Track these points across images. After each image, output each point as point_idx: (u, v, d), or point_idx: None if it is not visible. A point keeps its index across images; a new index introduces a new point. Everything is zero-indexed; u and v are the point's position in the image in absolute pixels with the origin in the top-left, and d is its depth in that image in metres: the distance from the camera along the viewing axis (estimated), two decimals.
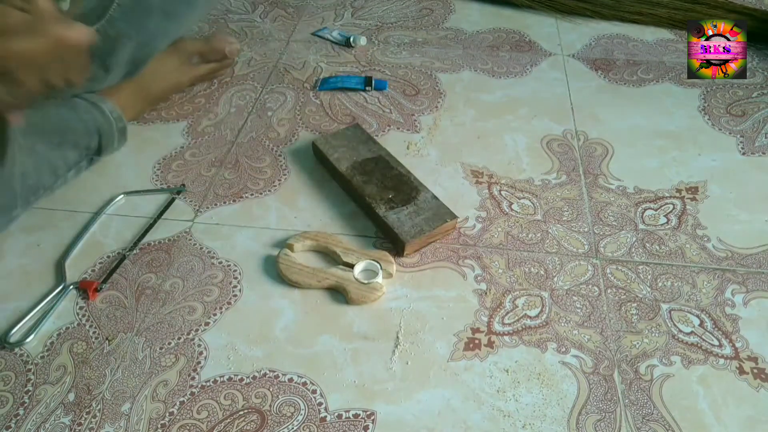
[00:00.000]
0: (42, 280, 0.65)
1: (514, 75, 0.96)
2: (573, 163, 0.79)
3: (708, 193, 0.75)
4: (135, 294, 0.64)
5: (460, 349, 0.58)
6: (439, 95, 0.92)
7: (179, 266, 0.66)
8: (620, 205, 0.73)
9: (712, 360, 0.57)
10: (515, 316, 0.61)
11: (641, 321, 0.61)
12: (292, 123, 0.87)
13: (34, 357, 0.58)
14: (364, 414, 0.53)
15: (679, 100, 0.90)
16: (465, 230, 0.70)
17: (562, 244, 0.68)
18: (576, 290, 0.64)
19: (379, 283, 0.62)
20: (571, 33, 1.07)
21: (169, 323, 0.61)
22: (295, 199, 0.74)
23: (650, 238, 0.69)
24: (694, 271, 0.65)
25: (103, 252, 0.68)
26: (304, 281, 0.63)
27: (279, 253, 0.65)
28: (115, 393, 0.55)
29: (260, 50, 1.02)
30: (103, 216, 0.72)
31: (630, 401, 0.54)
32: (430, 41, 1.05)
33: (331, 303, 0.63)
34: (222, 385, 0.56)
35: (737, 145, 0.82)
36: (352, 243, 0.68)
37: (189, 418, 0.53)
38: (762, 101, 0.89)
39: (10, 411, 0.54)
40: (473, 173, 0.78)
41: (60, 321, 0.61)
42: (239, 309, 0.62)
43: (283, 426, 0.53)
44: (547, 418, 0.53)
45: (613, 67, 0.97)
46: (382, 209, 0.68)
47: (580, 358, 0.58)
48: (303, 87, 0.94)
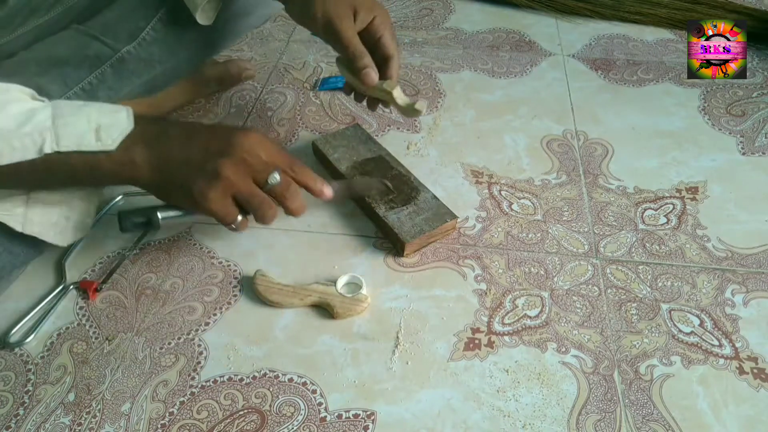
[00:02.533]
0: (42, 280, 0.65)
1: (514, 75, 0.96)
2: (573, 163, 0.79)
3: (708, 193, 0.75)
4: (135, 294, 0.64)
5: (460, 349, 0.58)
6: (439, 95, 0.92)
7: (179, 266, 0.66)
8: (620, 205, 0.73)
9: (712, 360, 0.57)
10: (515, 316, 0.61)
11: (641, 321, 0.61)
12: (292, 123, 0.87)
13: (34, 357, 0.58)
14: (364, 414, 0.53)
15: (679, 100, 0.90)
16: (465, 230, 0.70)
17: (562, 244, 0.68)
18: (576, 290, 0.64)
19: (364, 294, 0.62)
20: (571, 33, 1.07)
21: (169, 323, 0.61)
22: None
23: (650, 238, 0.69)
24: (694, 271, 0.65)
25: (103, 252, 0.68)
26: (286, 301, 0.62)
27: (255, 275, 0.64)
28: (115, 393, 0.55)
29: (260, 50, 1.02)
30: (105, 215, 0.72)
31: (630, 401, 0.54)
32: (430, 41, 1.05)
33: None
34: (222, 385, 0.56)
35: (737, 145, 0.82)
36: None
37: (189, 418, 0.53)
38: (762, 101, 0.89)
39: (10, 411, 0.54)
40: (473, 173, 0.78)
41: (60, 321, 0.61)
42: (239, 309, 0.62)
43: (283, 426, 0.53)
44: (547, 418, 0.53)
45: (613, 67, 0.97)
46: (382, 209, 0.68)
47: (580, 358, 0.58)
48: (303, 87, 0.94)
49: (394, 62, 0.64)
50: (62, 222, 0.57)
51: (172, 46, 0.71)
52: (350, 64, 0.62)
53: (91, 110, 0.50)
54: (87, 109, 0.50)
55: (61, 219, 0.57)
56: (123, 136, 0.50)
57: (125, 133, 0.50)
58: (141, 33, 0.68)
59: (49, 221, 0.56)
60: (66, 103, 0.51)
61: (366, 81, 0.62)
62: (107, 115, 0.51)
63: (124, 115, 0.51)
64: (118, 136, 0.50)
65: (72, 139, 0.49)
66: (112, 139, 0.50)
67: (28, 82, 0.59)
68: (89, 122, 0.49)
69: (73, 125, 0.49)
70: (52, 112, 0.49)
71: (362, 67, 0.62)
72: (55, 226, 0.57)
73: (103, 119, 0.50)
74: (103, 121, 0.50)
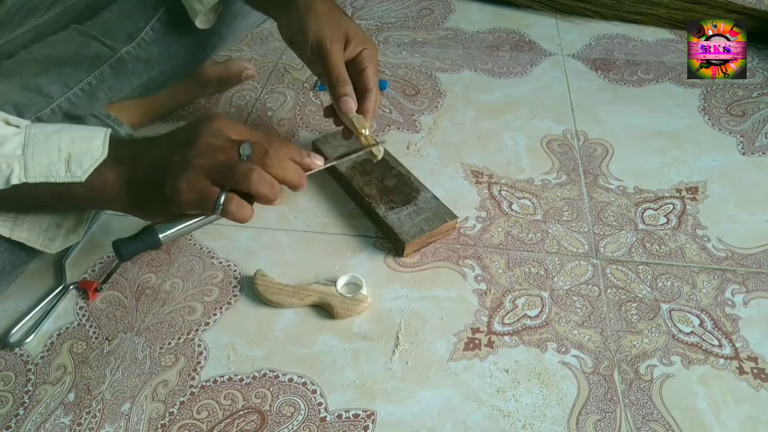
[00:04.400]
0: (42, 280, 0.65)
1: (514, 75, 0.96)
2: (573, 163, 0.79)
3: (708, 193, 0.75)
4: (135, 294, 0.64)
5: (460, 349, 0.58)
6: (439, 95, 0.92)
7: (179, 266, 0.66)
8: (620, 205, 0.73)
9: (712, 360, 0.57)
10: (515, 316, 0.61)
11: (641, 321, 0.61)
12: (292, 123, 0.87)
13: (34, 357, 0.58)
14: (364, 414, 0.53)
15: (679, 100, 0.90)
16: (465, 230, 0.70)
17: (562, 244, 0.68)
18: (576, 290, 0.64)
19: (364, 294, 0.62)
20: (571, 33, 1.07)
21: (169, 323, 0.61)
22: (295, 199, 0.74)
23: (650, 238, 0.69)
24: (694, 271, 0.65)
25: (103, 252, 0.68)
26: (286, 301, 0.62)
27: (255, 275, 0.64)
28: (115, 393, 0.55)
29: (260, 50, 1.02)
30: (103, 216, 0.72)
31: (630, 401, 0.54)
32: (430, 41, 1.05)
33: None
34: (222, 385, 0.56)
35: (737, 145, 0.82)
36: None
37: (189, 418, 0.53)
38: (762, 101, 0.89)
39: (10, 411, 0.54)
40: (473, 173, 0.78)
41: (60, 321, 0.61)
42: (239, 309, 0.62)
43: (283, 426, 0.53)
44: (547, 418, 0.53)
45: (613, 67, 0.97)
46: (382, 209, 0.68)
47: (580, 358, 0.58)
48: (303, 87, 0.94)
49: (370, 96, 0.63)
50: (53, 229, 0.56)
51: (171, 46, 0.71)
52: (331, 89, 0.62)
53: (63, 137, 0.48)
54: (60, 135, 0.48)
55: (51, 226, 0.56)
56: (95, 165, 0.48)
57: (97, 162, 0.48)
58: (140, 33, 0.68)
59: (40, 227, 0.55)
60: (41, 129, 0.49)
61: (342, 108, 0.62)
62: (80, 142, 0.49)
63: (99, 143, 0.49)
64: (89, 167, 0.48)
65: (40, 170, 0.47)
66: (82, 170, 0.48)
67: (28, 83, 0.59)
68: (59, 152, 0.48)
69: (43, 154, 0.47)
70: (24, 140, 0.47)
71: (341, 94, 0.61)
72: (46, 233, 0.56)
73: (76, 147, 0.48)
74: (76, 149, 0.48)
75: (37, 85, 0.62)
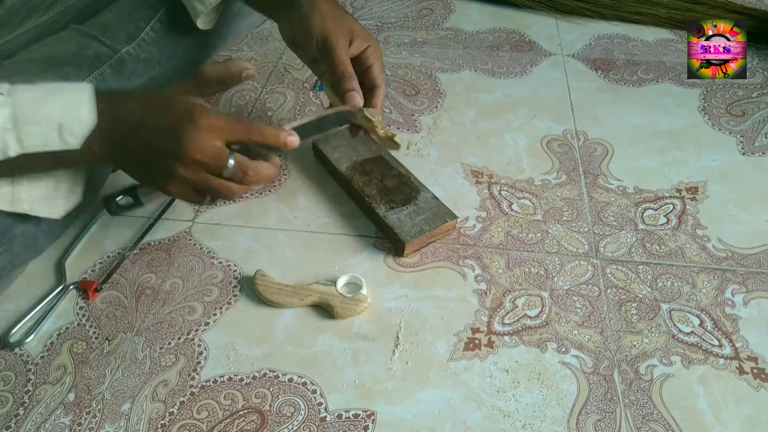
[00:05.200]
0: (42, 280, 0.65)
1: (514, 75, 0.96)
2: (573, 163, 0.79)
3: (708, 193, 0.75)
4: (135, 294, 0.64)
5: (460, 349, 0.58)
6: (439, 95, 0.92)
7: (179, 266, 0.66)
8: (620, 205, 0.73)
9: (712, 360, 0.57)
10: (515, 316, 0.61)
11: (641, 321, 0.61)
12: None
13: (34, 357, 0.58)
14: (364, 414, 0.53)
15: (679, 100, 0.90)
16: (465, 230, 0.70)
17: (562, 244, 0.68)
18: (576, 290, 0.64)
19: (364, 294, 0.62)
20: (571, 33, 1.07)
21: (169, 323, 0.61)
22: (295, 199, 0.74)
23: (650, 238, 0.69)
24: (694, 271, 0.65)
25: (103, 252, 0.68)
26: (286, 301, 0.62)
27: (255, 275, 0.64)
28: (115, 393, 0.55)
29: (260, 50, 1.02)
30: (102, 216, 0.72)
31: (630, 401, 0.54)
32: (430, 41, 1.05)
33: None
34: (222, 385, 0.56)
35: (737, 145, 0.82)
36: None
37: (189, 418, 0.53)
38: (762, 101, 0.89)
39: (10, 411, 0.54)
40: (473, 173, 0.78)
41: (60, 321, 0.61)
42: (239, 309, 0.62)
43: (283, 426, 0.53)
44: (547, 418, 0.53)
45: (613, 67, 0.97)
46: (382, 209, 0.68)
47: (580, 358, 0.58)
48: (303, 87, 0.94)
49: (379, 92, 0.64)
50: (51, 194, 0.56)
51: (171, 46, 0.71)
52: (337, 86, 0.62)
53: (51, 108, 0.49)
54: (47, 106, 0.49)
55: (49, 191, 0.56)
56: (86, 132, 0.50)
57: (89, 129, 0.50)
58: (140, 33, 0.68)
59: (38, 195, 0.55)
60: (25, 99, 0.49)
61: (350, 103, 0.62)
62: (69, 110, 0.50)
63: (86, 109, 0.50)
64: (81, 134, 0.50)
65: (35, 140, 0.49)
66: (74, 137, 0.49)
67: (28, 83, 0.59)
68: (50, 122, 0.49)
69: (35, 125, 0.48)
70: (11, 112, 0.48)
71: (349, 89, 0.61)
72: (45, 199, 0.56)
73: (65, 115, 0.49)
74: (66, 118, 0.49)
75: None
